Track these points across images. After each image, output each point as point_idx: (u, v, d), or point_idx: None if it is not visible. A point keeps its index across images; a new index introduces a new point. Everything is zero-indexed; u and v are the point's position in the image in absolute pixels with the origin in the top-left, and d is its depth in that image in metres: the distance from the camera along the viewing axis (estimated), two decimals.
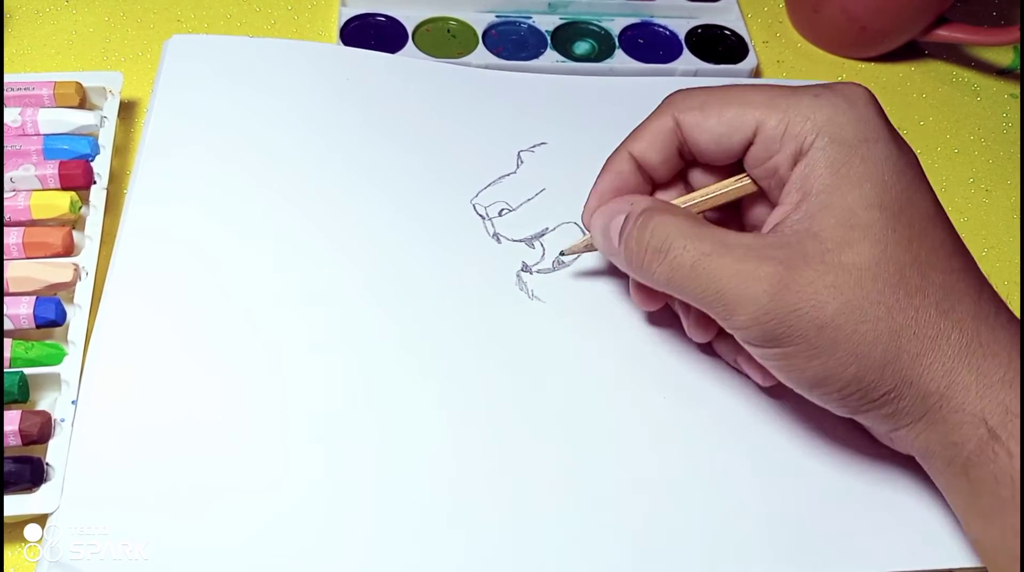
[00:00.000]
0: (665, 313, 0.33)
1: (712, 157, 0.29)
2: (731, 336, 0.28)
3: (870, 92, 0.28)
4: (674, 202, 0.30)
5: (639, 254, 0.28)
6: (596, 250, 0.32)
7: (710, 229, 0.27)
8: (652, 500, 0.29)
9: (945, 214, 0.27)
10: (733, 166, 0.29)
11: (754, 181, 0.29)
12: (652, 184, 0.31)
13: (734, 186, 0.29)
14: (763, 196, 0.30)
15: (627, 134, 0.31)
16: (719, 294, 0.26)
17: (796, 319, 0.25)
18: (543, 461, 0.30)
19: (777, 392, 0.31)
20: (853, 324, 0.25)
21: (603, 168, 0.31)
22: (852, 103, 0.27)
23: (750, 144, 0.28)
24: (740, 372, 0.32)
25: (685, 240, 0.27)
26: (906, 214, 0.26)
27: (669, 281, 0.27)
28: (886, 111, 0.28)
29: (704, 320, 0.30)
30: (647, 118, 0.30)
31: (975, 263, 0.27)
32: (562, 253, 0.34)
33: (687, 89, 0.29)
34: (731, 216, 0.31)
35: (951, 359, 0.25)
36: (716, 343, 0.31)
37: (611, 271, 0.35)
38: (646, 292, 0.31)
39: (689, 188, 0.31)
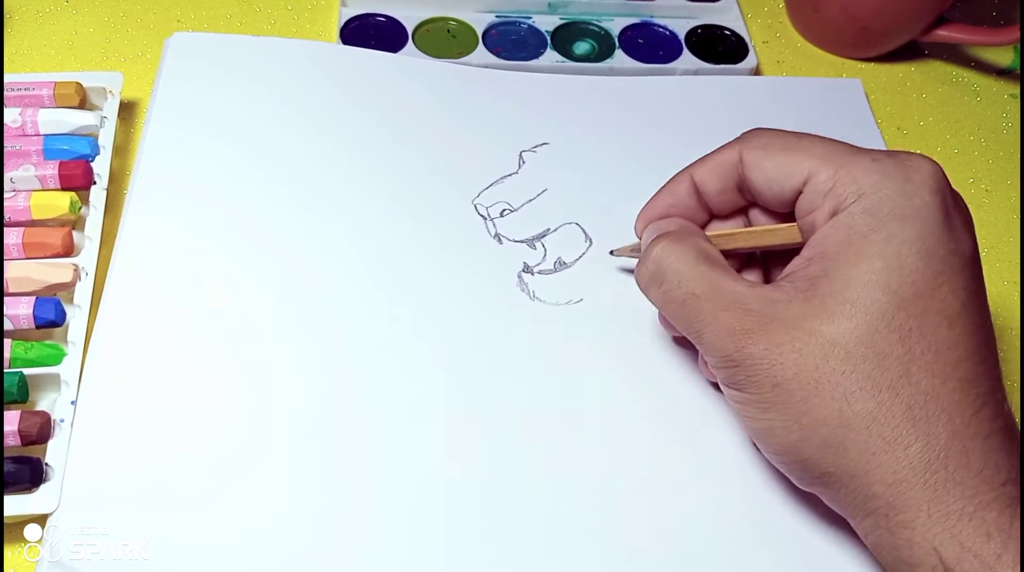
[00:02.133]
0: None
1: (766, 200, 0.29)
2: None
3: (936, 168, 0.26)
4: (717, 232, 0.30)
5: (640, 275, 0.29)
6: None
7: (711, 269, 0.27)
8: (652, 503, 0.29)
9: (978, 319, 0.25)
10: (790, 215, 0.29)
11: (801, 232, 0.28)
12: (709, 213, 0.31)
13: (778, 230, 0.29)
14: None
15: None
16: (698, 334, 0.27)
17: (755, 371, 0.25)
18: (542, 462, 0.30)
19: None
20: (804, 394, 0.24)
21: (664, 185, 0.31)
22: (907, 176, 0.25)
23: (799, 194, 0.27)
24: None
25: (680, 276, 0.27)
26: (919, 304, 0.24)
27: (662, 307, 0.28)
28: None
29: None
30: (720, 147, 0.30)
31: (991, 377, 0.25)
32: (611, 252, 0.34)
33: (762, 128, 0.29)
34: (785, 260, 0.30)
35: (904, 469, 0.23)
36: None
37: (612, 273, 0.35)
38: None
39: (748, 226, 0.31)
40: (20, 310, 0.30)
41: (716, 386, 0.32)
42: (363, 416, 0.30)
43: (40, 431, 0.28)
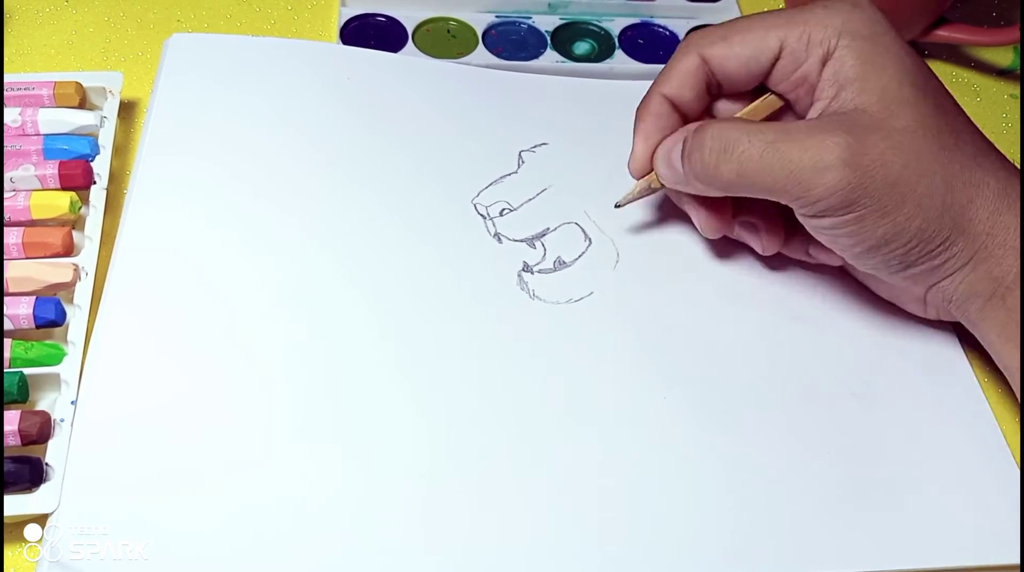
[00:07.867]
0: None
1: (741, 82, 0.32)
2: (799, 234, 0.31)
3: None
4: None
5: (703, 161, 0.30)
6: (648, 195, 0.34)
7: (765, 123, 0.30)
8: (653, 501, 0.29)
9: (942, 83, 0.31)
10: (754, 91, 0.32)
11: (779, 96, 0.32)
12: (685, 121, 0.33)
13: (763, 103, 0.32)
14: (788, 109, 0.33)
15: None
16: (792, 174, 0.28)
17: (870, 180, 0.28)
18: (542, 460, 0.30)
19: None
20: (917, 177, 0.28)
21: (639, 115, 0.33)
22: (859, 6, 0.30)
23: (775, 61, 0.31)
24: (809, 266, 0.34)
25: (748, 135, 0.29)
26: (929, 88, 0.30)
27: (740, 176, 0.29)
28: None
29: (774, 229, 0.33)
30: (671, 61, 0.33)
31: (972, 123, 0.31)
32: (617, 204, 0.35)
33: (703, 28, 0.32)
34: None
35: (993, 202, 0.29)
36: (786, 247, 0.34)
37: (611, 272, 0.35)
38: (713, 214, 0.33)
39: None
40: (20, 310, 0.30)
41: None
42: (364, 417, 0.30)
43: (40, 431, 0.28)
